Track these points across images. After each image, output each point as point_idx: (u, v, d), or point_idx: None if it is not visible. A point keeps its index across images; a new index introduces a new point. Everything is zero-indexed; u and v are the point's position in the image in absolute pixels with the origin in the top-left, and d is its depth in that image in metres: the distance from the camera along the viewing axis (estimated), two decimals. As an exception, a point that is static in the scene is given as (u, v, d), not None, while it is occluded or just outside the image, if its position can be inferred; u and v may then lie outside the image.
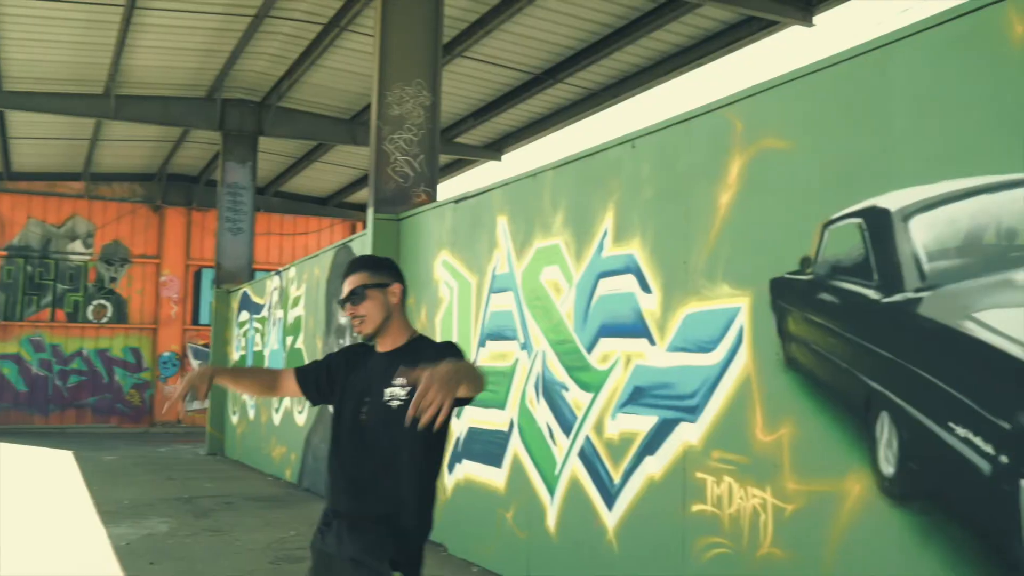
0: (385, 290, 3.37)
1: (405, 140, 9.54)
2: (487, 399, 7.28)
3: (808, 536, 4.30)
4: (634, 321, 5.63)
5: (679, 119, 5.46)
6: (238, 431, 15.69)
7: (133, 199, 23.89)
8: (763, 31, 13.20)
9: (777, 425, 4.53)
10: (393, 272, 3.47)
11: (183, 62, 16.01)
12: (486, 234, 7.53)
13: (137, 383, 23.33)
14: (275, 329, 13.72)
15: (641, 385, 5.53)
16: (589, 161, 6.26)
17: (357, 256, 3.72)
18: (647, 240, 5.59)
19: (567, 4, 13.11)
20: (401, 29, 9.65)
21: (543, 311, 6.60)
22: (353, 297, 3.35)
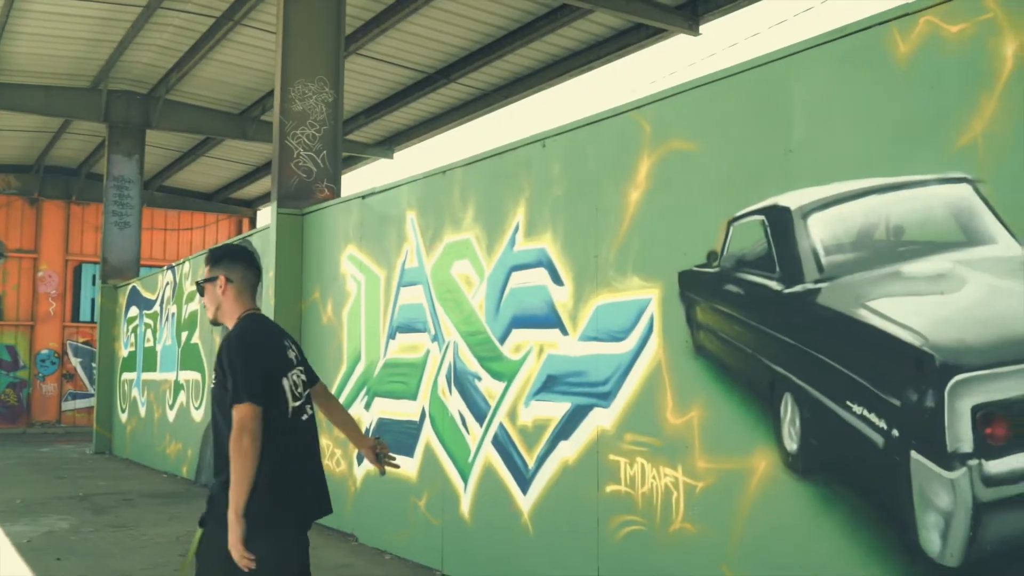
0: (214, 283, 3.81)
1: (308, 136, 9.61)
2: (397, 390, 7.46)
3: (718, 511, 4.63)
4: (546, 313, 5.89)
5: (588, 121, 5.75)
6: (128, 429, 15.41)
7: (8, 191, 23.06)
8: (650, 38, 13.69)
9: (687, 408, 4.85)
10: (223, 264, 3.83)
11: (67, 51, 15.60)
12: (395, 229, 7.69)
13: (14, 382, 22.56)
14: (168, 324, 13.54)
15: (554, 374, 5.80)
16: (499, 160, 6.50)
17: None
18: (558, 235, 5.86)
19: (462, 5, 13.33)
20: (303, 25, 9.71)
21: (454, 304, 6.82)
22: (199, 290, 3.93)
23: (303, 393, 3.75)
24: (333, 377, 8.43)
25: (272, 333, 3.83)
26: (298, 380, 3.75)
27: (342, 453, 8.24)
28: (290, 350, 3.80)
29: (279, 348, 3.74)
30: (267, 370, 3.60)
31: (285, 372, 3.68)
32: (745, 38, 34.53)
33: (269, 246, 9.58)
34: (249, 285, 3.84)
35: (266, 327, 3.84)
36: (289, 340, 3.88)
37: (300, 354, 3.91)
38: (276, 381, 3.63)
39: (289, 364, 3.74)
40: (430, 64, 15.57)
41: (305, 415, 3.74)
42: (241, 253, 3.92)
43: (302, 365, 3.85)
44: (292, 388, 3.70)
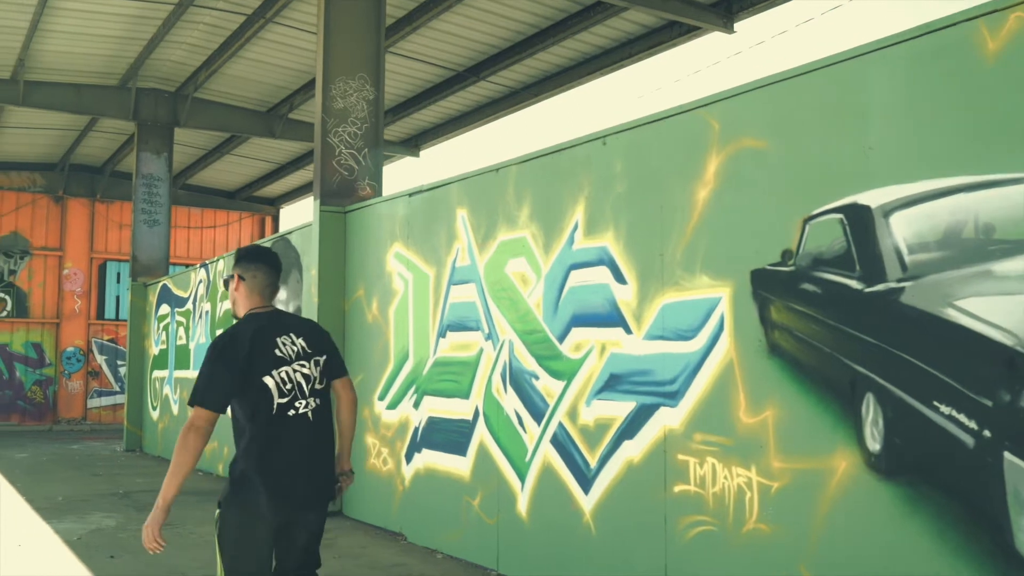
0: (231, 281, 4.11)
1: (349, 134, 9.60)
2: (448, 389, 7.45)
3: (795, 511, 4.60)
4: (609, 311, 5.87)
5: (651, 119, 5.72)
6: (159, 427, 15.44)
7: (33, 189, 23.14)
8: (683, 36, 13.63)
9: (761, 407, 4.82)
10: (240, 264, 4.11)
11: (97, 49, 15.63)
12: (444, 227, 7.67)
13: (40, 379, 22.65)
14: (202, 322, 13.56)
15: (617, 372, 5.77)
16: (556, 157, 6.47)
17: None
18: (621, 233, 5.83)
19: (496, 3, 13.30)
20: (345, 23, 9.71)
21: (509, 302, 6.79)
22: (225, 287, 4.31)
23: (303, 388, 3.89)
24: (379, 375, 8.43)
25: (265, 332, 3.90)
26: (291, 376, 3.87)
27: (389, 452, 8.23)
28: (289, 346, 3.91)
29: (267, 347, 3.86)
30: (238, 372, 3.77)
31: (270, 370, 3.82)
32: (772, 36, 34.37)
33: (312, 244, 9.58)
34: (261, 285, 4.04)
35: (256, 326, 3.92)
36: (297, 335, 3.99)
37: (313, 348, 4.01)
38: (254, 380, 3.79)
39: (280, 361, 3.85)
40: (460, 62, 15.55)
41: (297, 410, 3.85)
42: (257, 254, 4.11)
43: (307, 359, 3.94)
44: (280, 384, 3.83)
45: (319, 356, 4.01)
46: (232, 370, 3.78)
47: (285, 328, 3.99)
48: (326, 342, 4.12)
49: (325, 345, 4.10)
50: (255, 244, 4.42)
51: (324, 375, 4.02)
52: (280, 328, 3.97)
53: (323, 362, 4.02)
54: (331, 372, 4.09)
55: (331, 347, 4.16)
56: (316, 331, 4.13)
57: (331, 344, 4.17)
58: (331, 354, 4.12)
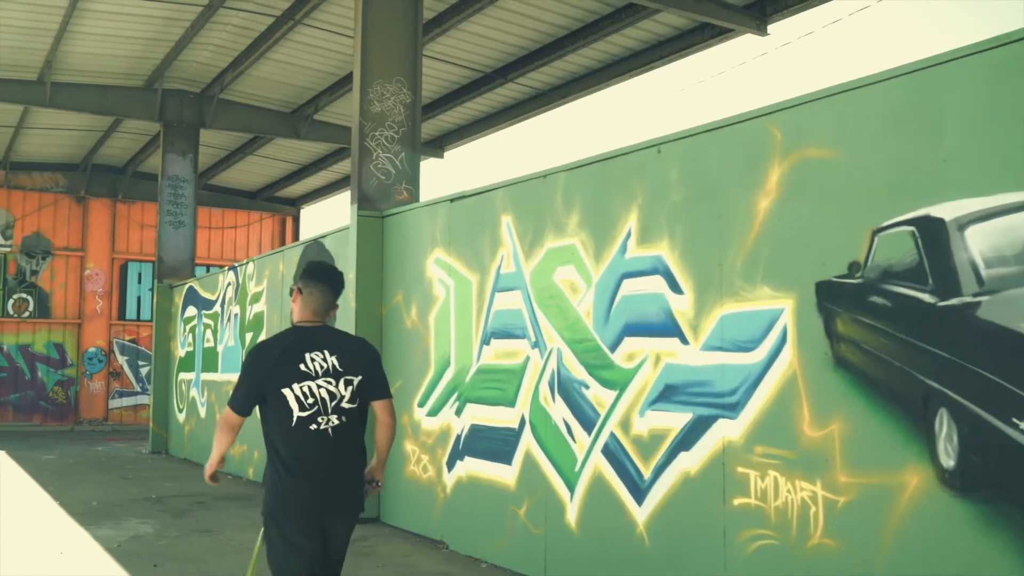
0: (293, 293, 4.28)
1: (387, 137, 9.56)
2: (492, 397, 7.41)
3: (863, 526, 4.54)
4: (664, 321, 5.81)
5: (708, 127, 5.66)
6: (186, 429, 15.44)
7: (55, 189, 23.19)
8: (715, 38, 13.55)
9: (827, 421, 4.76)
10: (300, 278, 4.28)
11: (125, 50, 15.64)
12: (488, 233, 7.63)
13: (61, 380, 22.70)
14: (231, 325, 13.55)
15: (673, 383, 5.71)
16: (608, 164, 6.42)
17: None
18: (676, 242, 5.78)
19: (526, 5, 13.24)
20: (382, 26, 9.67)
21: (558, 310, 6.74)
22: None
23: (326, 404, 4.00)
24: (418, 382, 8.39)
25: (293, 347, 4.05)
26: (313, 391, 3.99)
27: (429, 459, 8.19)
28: (319, 362, 4.03)
29: (293, 360, 4.00)
30: (260, 381, 3.99)
31: (291, 383, 3.96)
32: (798, 37, 34.24)
33: (348, 248, 9.55)
34: (316, 302, 4.17)
35: (289, 342, 4.09)
36: (331, 353, 4.08)
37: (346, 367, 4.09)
38: (274, 391, 3.96)
39: (302, 375, 3.99)
40: (488, 63, 15.50)
41: (319, 425, 3.98)
42: (320, 274, 4.25)
43: (335, 377, 4.04)
44: (301, 398, 3.97)
45: (351, 376, 4.10)
46: (256, 377, 4.02)
47: (319, 345, 4.09)
48: (365, 364, 4.19)
49: (363, 367, 4.16)
50: (322, 262, 4.55)
51: (357, 395, 4.10)
52: (314, 344, 4.09)
53: (357, 383, 4.10)
54: (369, 393, 4.17)
55: (371, 369, 4.21)
56: (356, 351, 4.22)
57: (372, 366, 4.23)
58: (370, 376, 4.18)
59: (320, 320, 4.20)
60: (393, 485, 8.67)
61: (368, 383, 4.16)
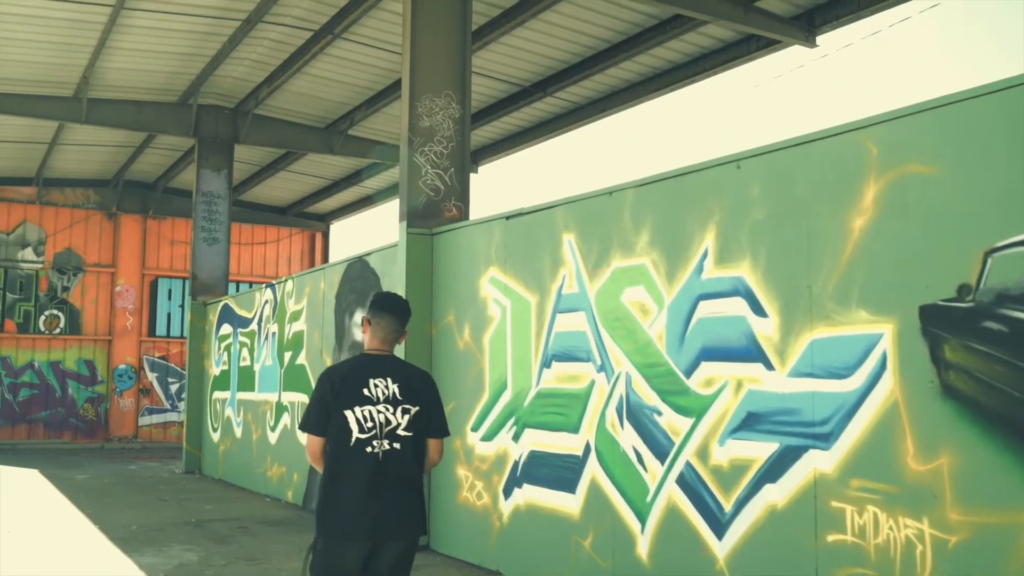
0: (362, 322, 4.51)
1: (435, 153, 9.33)
2: (554, 422, 7.13)
3: (979, 568, 4.23)
4: (746, 345, 5.53)
5: (795, 142, 5.39)
6: (220, 449, 15.22)
7: (87, 205, 23.13)
8: (761, 51, 13.27)
9: (934, 454, 4.46)
10: (368, 309, 4.47)
11: (161, 66, 15.51)
12: (548, 252, 7.37)
13: (91, 397, 22.57)
14: (268, 344, 13.34)
15: (757, 411, 5.43)
16: (681, 181, 6.16)
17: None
18: (759, 262, 5.50)
19: (568, 18, 13.01)
20: (430, 40, 9.45)
21: (626, 333, 6.47)
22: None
23: (383, 428, 4.19)
24: (472, 405, 8.12)
25: (358, 371, 4.27)
26: (372, 415, 4.19)
27: (484, 485, 7.92)
28: (381, 388, 4.23)
29: (357, 384, 4.22)
30: (327, 402, 4.21)
31: (353, 405, 4.18)
32: (837, 49, 33.90)
33: (395, 266, 9.32)
34: (383, 333, 4.37)
35: (355, 366, 4.32)
36: (393, 380, 4.27)
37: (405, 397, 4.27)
38: (338, 412, 4.19)
39: (365, 399, 4.20)
40: (527, 77, 15.29)
41: (374, 448, 4.17)
42: (387, 306, 4.43)
43: (393, 405, 4.23)
44: (361, 421, 4.18)
45: (409, 405, 4.28)
46: (325, 399, 4.23)
47: (383, 372, 4.29)
48: (425, 396, 4.36)
49: (422, 398, 4.34)
50: (389, 294, 4.67)
51: (414, 425, 4.27)
52: (378, 371, 4.29)
53: (414, 412, 4.28)
54: (426, 428, 4.34)
55: (430, 403, 4.38)
56: (417, 383, 4.38)
57: (432, 401, 4.41)
58: (428, 409, 4.35)
59: (388, 349, 4.41)
60: (444, 512, 8.40)
61: (426, 416, 4.33)
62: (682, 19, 12.58)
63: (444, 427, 4.45)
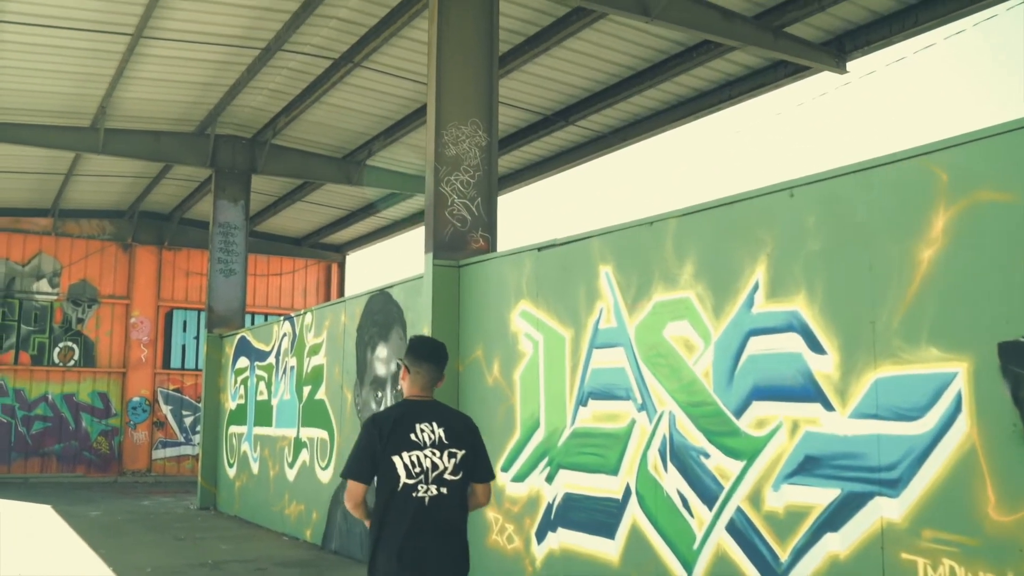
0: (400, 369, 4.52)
1: (462, 182, 9.06)
2: (590, 463, 6.80)
3: (1074, 631, 3.88)
4: (803, 384, 5.20)
5: (854, 168, 5.09)
6: (236, 485, 14.89)
7: (102, 237, 22.97)
8: (788, 77, 13.03)
9: (1018, 503, 4.12)
10: (407, 355, 4.45)
11: (178, 95, 15.36)
12: (583, 285, 7.06)
13: (105, 430, 22.29)
14: (286, 378, 13.04)
15: (815, 454, 5.09)
16: (728, 210, 5.86)
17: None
18: (816, 296, 5.18)
19: (592, 46, 12.80)
20: (456, 66, 9.20)
21: (669, 370, 6.15)
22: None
23: (429, 473, 4.18)
24: (502, 444, 7.79)
25: (404, 417, 4.25)
26: (420, 460, 4.19)
27: (515, 528, 7.57)
28: (428, 433, 4.22)
29: (404, 430, 4.21)
30: (374, 449, 4.19)
31: (400, 451, 4.18)
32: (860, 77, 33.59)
33: (420, 299, 9.03)
34: (423, 380, 4.36)
35: (402, 411, 4.29)
36: (438, 425, 4.26)
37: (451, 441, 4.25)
38: (385, 458, 4.18)
39: (412, 445, 4.19)
40: (548, 106, 15.07)
41: (419, 492, 4.16)
42: (426, 353, 4.42)
43: (440, 449, 4.22)
44: (409, 466, 4.18)
45: (455, 449, 4.26)
46: (371, 446, 4.20)
47: (428, 417, 4.28)
48: (469, 440, 4.35)
49: (467, 442, 4.33)
50: (425, 339, 4.62)
51: (460, 469, 4.26)
52: (423, 416, 4.27)
53: (460, 456, 4.27)
54: (471, 472, 4.33)
55: (474, 446, 4.37)
56: (461, 427, 4.37)
57: (477, 444, 4.39)
58: (472, 453, 4.34)
59: (428, 394, 4.40)
60: (473, 555, 8.02)
61: (471, 460, 4.32)
62: (708, 46, 12.35)
63: (490, 470, 4.49)
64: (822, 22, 11.57)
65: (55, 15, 12.01)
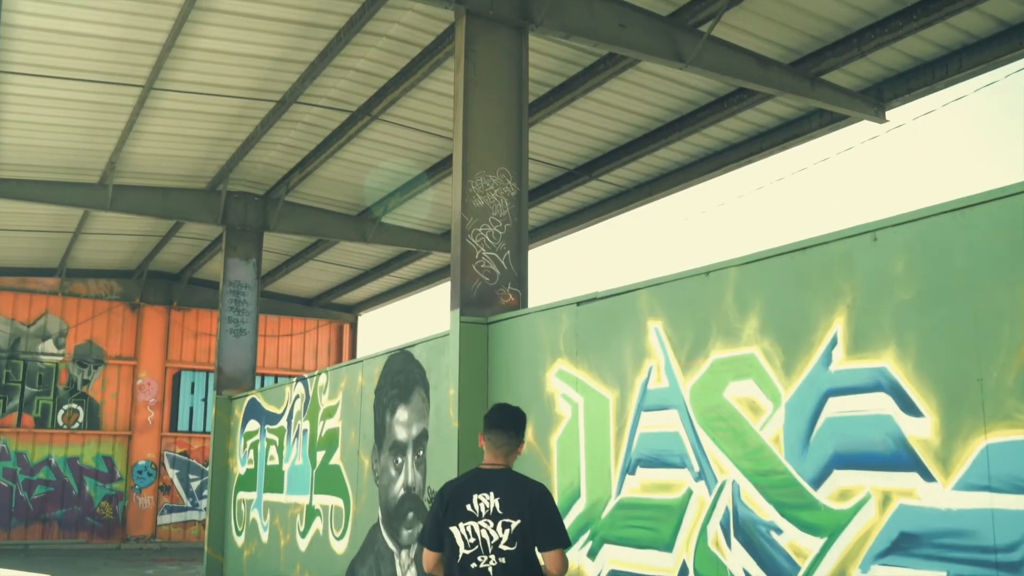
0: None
1: (490, 235, 8.53)
2: (641, 538, 6.16)
3: None
4: (894, 450, 4.59)
5: (948, 208, 4.53)
6: (244, 554, 14.17)
7: (109, 297, 22.51)
8: (821, 128, 12.57)
9: None
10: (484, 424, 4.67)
11: (189, 151, 14.97)
12: (629, 341, 6.48)
13: (109, 494, 21.60)
14: (298, 442, 12.41)
15: (913, 531, 4.46)
16: (798, 257, 5.30)
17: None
18: (908, 351, 4.59)
19: (620, 96, 12.38)
20: (484, 112, 8.73)
21: (732, 434, 5.53)
22: None
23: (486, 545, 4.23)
24: (538, 514, 7.14)
25: (465, 487, 4.40)
26: (475, 531, 4.26)
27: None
28: (484, 503, 4.28)
29: (462, 500, 4.33)
30: (440, 518, 4.38)
31: (457, 522, 4.30)
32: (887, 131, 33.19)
33: (446, 357, 8.46)
34: (494, 446, 4.54)
35: (464, 481, 4.47)
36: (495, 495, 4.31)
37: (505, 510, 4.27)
38: (445, 529, 4.34)
39: (468, 515, 4.30)
40: (572, 160, 14.63)
41: (479, 564, 4.23)
42: (491, 420, 4.62)
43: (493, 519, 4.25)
44: (465, 537, 4.27)
45: (509, 519, 4.27)
46: (437, 514, 4.41)
47: (487, 487, 4.35)
48: (528, 508, 4.31)
49: (524, 510, 4.29)
50: (498, 406, 4.75)
51: (515, 539, 4.24)
52: (483, 486, 4.36)
53: (515, 526, 4.25)
54: (531, 541, 4.29)
55: (535, 514, 4.31)
56: (521, 495, 4.35)
57: (537, 512, 4.32)
58: (532, 521, 4.28)
59: (500, 462, 4.48)
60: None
61: (529, 528, 4.28)
62: (741, 96, 11.93)
63: (556, 538, 4.35)
64: (861, 69, 11.13)
65: (63, 66, 11.64)
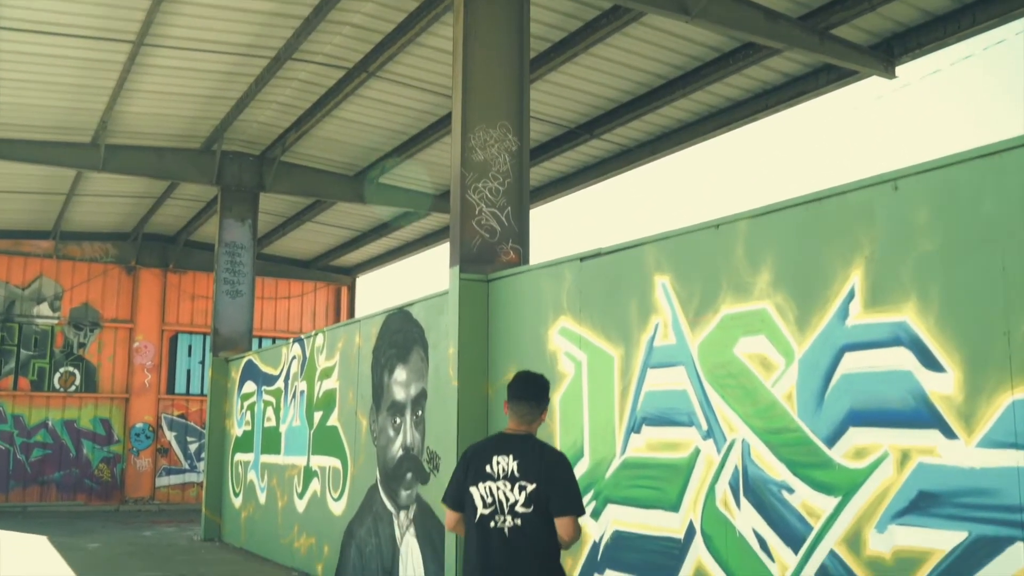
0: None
1: (490, 190, 8.31)
2: (645, 498, 6.00)
3: None
4: (914, 407, 4.42)
5: (976, 154, 4.33)
6: (242, 515, 14.07)
7: (105, 259, 22.27)
8: (831, 84, 12.30)
9: None
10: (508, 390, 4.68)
11: (183, 110, 14.67)
12: (635, 297, 6.29)
13: (107, 457, 21.49)
14: (295, 403, 12.25)
15: (933, 490, 4.29)
16: (814, 208, 5.09)
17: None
18: (931, 304, 4.40)
19: (622, 52, 12.08)
20: (484, 65, 8.48)
21: (742, 392, 5.36)
22: None
23: (503, 506, 4.29)
24: (540, 475, 6.99)
25: (486, 449, 4.50)
26: (493, 491, 4.34)
27: None
28: (503, 465, 4.36)
29: (482, 462, 4.43)
30: (461, 479, 4.50)
31: (477, 482, 4.40)
32: (893, 90, 32.89)
33: (446, 316, 8.28)
34: (516, 414, 4.55)
35: (486, 443, 4.58)
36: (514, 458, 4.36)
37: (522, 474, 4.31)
38: (466, 489, 4.44)
39: (487, 476, 4.38)
40: (572, 118, 14.35)
41: (496, 523, 4.29)
42: (513, 388, 4.62)
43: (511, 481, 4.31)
44: (483, 496, 4.36)
45: (525, 482, 4.30)
46: (458, 475, 4.53)
47: (507, 450, 4.41)
48: (544, 473, 4.31)
49: (541, 475, 4.31)
50: (520, 374, 4.67)
51: (531, 501, 4.27)
52: (503, 449, 4.43)
53: (531, 489, 4.28)
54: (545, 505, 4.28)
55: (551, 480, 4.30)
56: (538, 460, 4.37)
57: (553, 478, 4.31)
58: (547, 486, 4.28)
59: (523, 428, 4.52)
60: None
61: (544, 493, 4.27)
62: (747, 51, 11.64)
63: (569, 505, 4.30)
64: (870, 24, 10.86)
65: (51, 21, 11.32)
